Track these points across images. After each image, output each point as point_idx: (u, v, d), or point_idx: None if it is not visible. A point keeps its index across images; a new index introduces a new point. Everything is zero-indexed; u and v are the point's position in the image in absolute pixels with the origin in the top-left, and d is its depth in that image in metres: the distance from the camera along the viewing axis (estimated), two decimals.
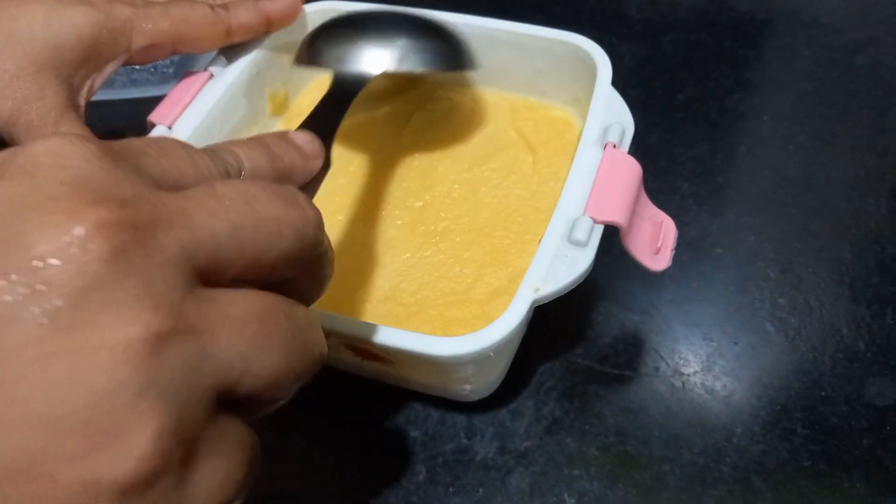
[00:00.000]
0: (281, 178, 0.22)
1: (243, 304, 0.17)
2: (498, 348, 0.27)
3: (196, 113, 0.36)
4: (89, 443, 0.14)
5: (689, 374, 0.36)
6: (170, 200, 0.17)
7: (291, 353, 0.18)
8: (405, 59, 0.34)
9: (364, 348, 0.29)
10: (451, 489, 0.33)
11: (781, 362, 0.37)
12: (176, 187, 0.18)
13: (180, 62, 0.52)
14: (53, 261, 0.15)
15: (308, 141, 0.24)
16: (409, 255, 0.36)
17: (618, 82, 0.35)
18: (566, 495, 0.33)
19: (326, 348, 0.20)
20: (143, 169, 0.18)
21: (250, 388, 0.17)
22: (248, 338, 0.17)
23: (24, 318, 0.14)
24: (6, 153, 0.17)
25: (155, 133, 0.35)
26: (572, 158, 0.32)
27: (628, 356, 0.37)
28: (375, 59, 0.34)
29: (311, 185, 0.25)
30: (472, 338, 0.27)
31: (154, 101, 0.38)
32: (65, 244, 0.15)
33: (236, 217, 0.17)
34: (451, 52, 0.36)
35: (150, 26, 0.34)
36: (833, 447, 0.34)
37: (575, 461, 0.34)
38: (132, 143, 0.18)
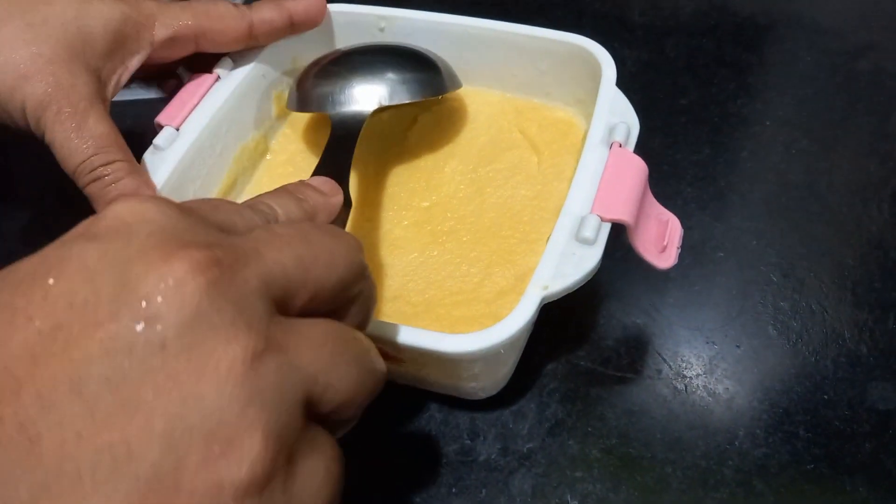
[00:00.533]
0: (309, 217, 0.25)
1: (317, 328, 0.19)
2: (508, 345, 0.27)
3: (203, 114, 0.36)
4: (208, 452, 0.16)
5: (691, 377, 0.36)
6: (241, 242, 0.19)
7: (362, 370, 0.20)
8: (396, 93, 0.36)
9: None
10: (453, 490, 0.33)
11: (784, 366, 0.37)
12: (234, 235, 0.20)
13: None
14: (159, 299, 0.17)
15: (324, 181, 0.27)
16: (416, 254, 0.36)
17: (620, 86, 0.35)
18: (568, 497, 0.33)
19: (385, 368, 0.22)
20: (207, 220, 0.20)
21: (332, 401, 0.19)
22: (327, 355, 0.19)
23: (139, 350, 0.16)
24: (88, 220, 0.19)
25: (163, 134, 0.35)
26: (576, 159, 0.32)
27: (631, 359, 0.37)
28: (368, 96, 0.35)
29: (338, 222, 0.27)
30: (483, 334, 0.27)
31: (160, 103, 0.38)
32: (166, 283, 0.17)
33: (297, 251, 0.20)
34: (437, 79, 0.38)
35: (171, 19, 0.35)
36: (835, 451, 0.34)
37: (577, 463, 0.34)
38: (190, 202, 0.21)
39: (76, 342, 0.16)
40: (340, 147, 0.33)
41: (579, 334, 0.38)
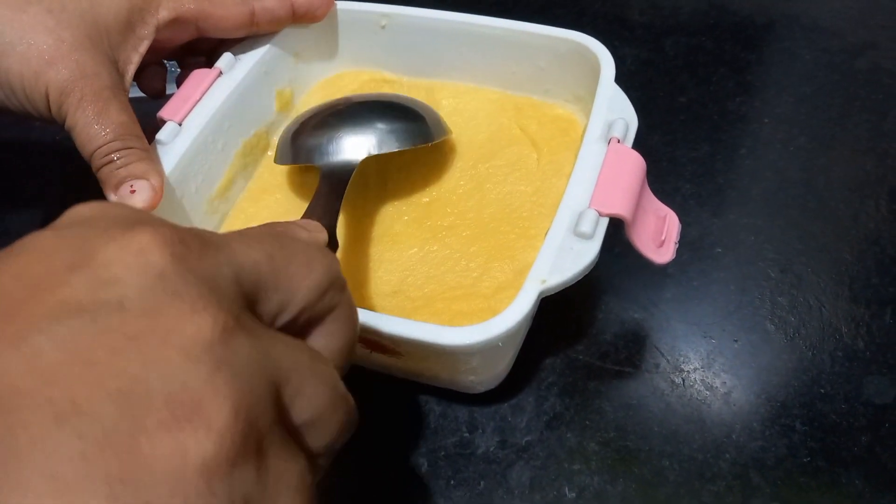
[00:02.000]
0: None
1: (290, 338, 0.18)
2: (506, 338, 0.27)
3: (205, 110, 0.37)
4: (170, 416, 0.14)
5: (689, 372, 0.37)
6: (210, 235, 0.18)
7: (335, 394, 0.19)
8: (384, 142, 0.36)
9: (373, 339, 0.29)
10: (452, 482, 0.33)
11: (781, 360, 0.37)
12: None
13: None
14: (118, 264, 0.16)
15: (307, 222, 0.26)
16: (415, 249, 0.36)
17: (619, 84, 0.36)
18: (566, 489, 0.33)
19: (357, 416, 0.20)
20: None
21: (302, 412, 0.18)
22: (302, 360, 0.18)
23: (91, 311, 0.15)
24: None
25: (165, 129, 0.36)
26: (576, 155, 0.33)
27: (629, 353, 0.37)
28: (357, 146, 0.36)
29: None
30: (481, 327, 0.27)
31: (161, 99, 0.38)
32: (127, 250, 0.16)
33: (269, 249, 0.19)
34: (425, 128, 0.37)
35: (174, 2, 0.35)
36: (832, 444, 0.34)
37: (575, 456, 0.34)
38: None
39: (19, 307, 0.15)
40: (330, 194, 0.33)
41: (578, 329, 0.38)
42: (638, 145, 0.33)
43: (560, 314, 0.38)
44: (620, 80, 0.36)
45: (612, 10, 0.57)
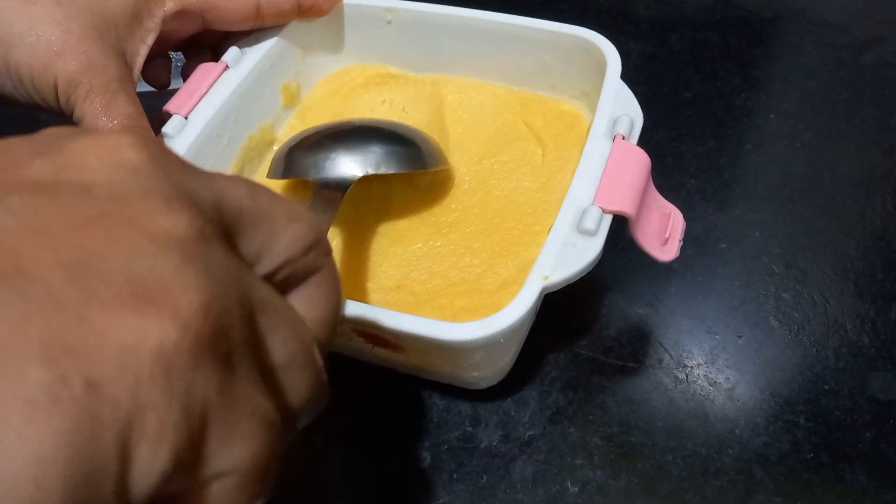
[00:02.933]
0: None
1: (270, 286, 0.17)
2: (508, 334, 0.27)
3: (211, 104, 0.37)
4: (130, 295, 0.13)
5: (692, 367, 0.37)
6: (193, 166, 0.17)
7: (309, 353, 0.18)
8: (382, 164, 0.35)
9: (376, 334, 0.29)
10: (454, 476, 0.34)
11: (785, 356, 0.37)
12: None
13: None
14: (89, 153, 0.15)
15: None
16: (419, 245, 0.36)
17: (625, 79, 0.36)
18: (569, 483, 0.33)
19: (328, 389, 0.19)
20: None
21: (276, 355, 0.16)
22: (279, 303, 0.17)
23: (51, 188, 0.14)
24: None
25: (171, 122, 0.36)
26: (581, 151, 0.33)
27: (632, 348, 0.37)
28: (355, 164, 0.35)
29: None
30: (483, 323, 0.27)
31: (166, 94, 0.38)
32: (100, 145, 0.15)
33: (254, 190, 0.18)
34: (422, 156, 0.37)
35: None
36: (836, 440, 0.34)
37: (578, 450, 0.34)
38: None
39: None
40: (323, 209, 0.33)
41: (581, 324, 0.38)
42: (643, 140, 0.33)
43: (563, 310, 0.38)
44: (626, 75, 0.36)
45: (617, 4, 0.57)
